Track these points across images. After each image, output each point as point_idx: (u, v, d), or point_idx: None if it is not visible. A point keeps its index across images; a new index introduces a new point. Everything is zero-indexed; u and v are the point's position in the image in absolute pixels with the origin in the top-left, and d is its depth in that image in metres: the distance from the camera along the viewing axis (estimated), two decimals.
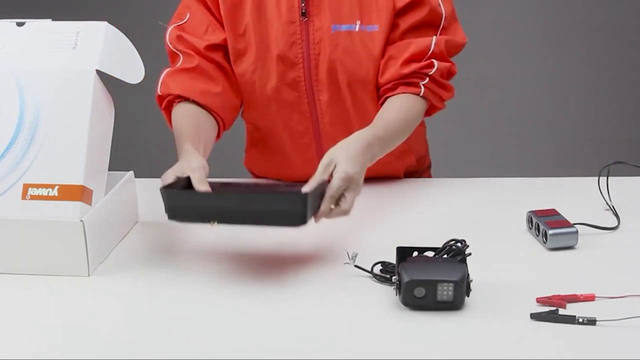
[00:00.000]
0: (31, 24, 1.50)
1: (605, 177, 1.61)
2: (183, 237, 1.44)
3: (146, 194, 1.66)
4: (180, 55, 1.69)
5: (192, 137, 1.57)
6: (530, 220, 1.50)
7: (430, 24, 1.66)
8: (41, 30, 1.49)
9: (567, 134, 3.75)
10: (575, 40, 3.68)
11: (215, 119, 1.69)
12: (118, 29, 1.52)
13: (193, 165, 1.42)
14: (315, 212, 1.38)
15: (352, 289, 1.32)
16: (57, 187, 1.38)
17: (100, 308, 1.30)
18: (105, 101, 1.47)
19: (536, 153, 3.73)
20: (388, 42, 1.65)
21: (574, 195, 1.67)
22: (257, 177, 1.91)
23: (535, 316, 1.20)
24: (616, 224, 1.53)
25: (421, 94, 1.64)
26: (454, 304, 1.23)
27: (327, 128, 1.73)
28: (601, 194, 1.60)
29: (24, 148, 1.41)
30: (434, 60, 1.64)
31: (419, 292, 1.23)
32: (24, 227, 1.37)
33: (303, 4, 1.63)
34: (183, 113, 1.66)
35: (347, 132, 1.69)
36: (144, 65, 1.54)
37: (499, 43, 3.68)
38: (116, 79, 1.48)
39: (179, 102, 1.68)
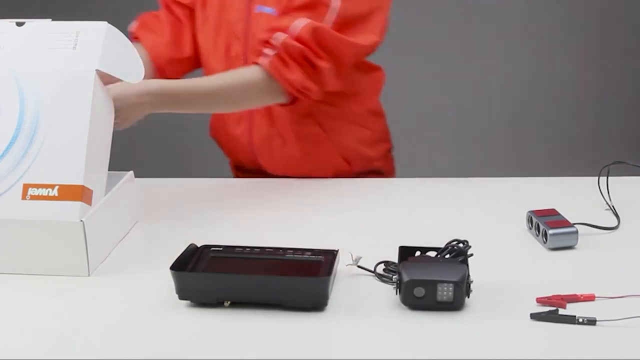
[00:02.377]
0: (31, 24, 1.50)
1: (605, 177, 1.61)
2: (183, 237, 1.43)
3: (146, 194, 1.66)
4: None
5: None
6: (530, 220, 1.50)
7: (313, 9, 1.65)
8: (41, 30, 1.49)
9: (567, 134, 3.74)
10: (576, 40, 3.68)
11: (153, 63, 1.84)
12: (118, 29, 1.52)
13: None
14: None
15: (354, 288, 1.32)
16: (57, 187, 1.38)
17: (100, 308, 1.30)
18: (105, 101, 1.47)
19: (536, 153, 3.73)
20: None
21: (574, 195, 1.67)
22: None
23: (535, 316, 1.20)
24: (616, 224, 1.53)
25: (259, 61, 1.64)
26: (454, 305, 1.23)
27: (254, 113, 1.81)
28: (601, 194, 1.60)
29: (24, 148, 1.40)
30: (283, 34, 1.63)
31: (419, 292, 1.23)
32: (24, 227, 1.37)
33: None
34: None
35: (272, 119, 1.80)
36: (144, 65, 1.54)
37: (500, 42, 3.67)
38: (116, 79, 1.48)
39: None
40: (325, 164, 1.85)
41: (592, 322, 1.18)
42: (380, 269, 1.36)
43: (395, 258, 1.34)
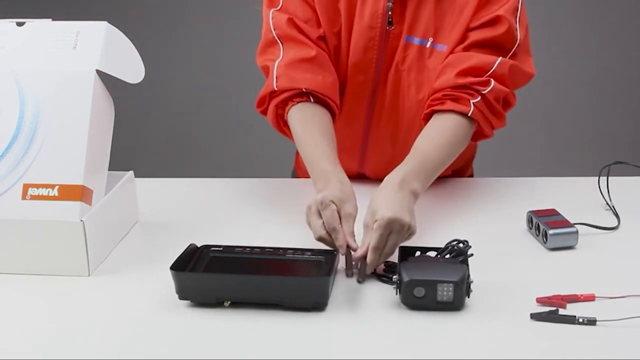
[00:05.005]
0: (31, 24, 1.50)
1: (605, 177, 1.61)
2: (183, 237, 1.44)
3: (146, 194, 1.66)
4: (282, 43, 1.64)
5: (334, 156, 1.52)
6: (530, 220, 1.50)
7: (501, 46, 1.60)
8: (41, 30, 1.49)
9: (567, 133, 3.75)
10: (575, 40, 3.68)
11: (334, 112, 1.64)
12: (118, 29, 1.52)
13: (349, 211, 1.38)
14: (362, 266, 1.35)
15: (354, 288, 1.32)
16: (57, 187, 1.38)
17: (100, 308, 1.30)
18: (105, 101, 1.47)
19: (536, 153, 3.73)
20: (452, 52, 1.61)
21: (574, 195, 1.67)
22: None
23: (535, 316, 1.20)
24: (616, 224, 1.53)
25: (469, 113, 1.56)
26: (454, 305, 1.23)
27: (375, 134, 1.73)
28: (601, 194, 1.60)
29: (24, 148, 1.41)
30: (491, 79, 1.57)
31: (419, 292, 1.23)
32: (24, 227, 1.37)
33: (390, 12, 1.62)
34: (314, 123, 1.59)
35: (394, 143, 1.71)
36: (144, 65, 1.54)
37: None
38: (116, 79, 1.48)
39: (298, 102, 1.62)
40: None
41: (592, 322, 1.18)
42: (380, 269, 1.36)
43: (395, 258, 1.34)
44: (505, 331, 1.19)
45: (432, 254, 1.33)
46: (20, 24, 1.50)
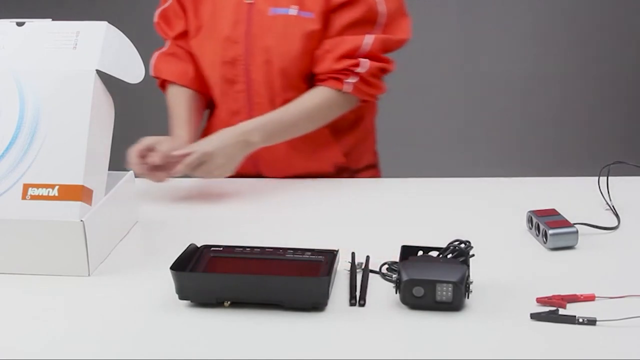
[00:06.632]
0: (31, 24, 1.50)
1: (605, 177, 1.61)
2: (183, 237, 1.43)
3: (146, 194, 1.66)
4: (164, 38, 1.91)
5: (184, 121, 1.84)
6: (530, 220, 1.50)
7: (367, 22, 1.74)
8: (41, 30, 1.49)
9: (567, 133, 3.74)
10: (576, 40, 3.68)
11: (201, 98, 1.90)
12: (118, 29, 1.52)
13: (160, 140, 1.69)
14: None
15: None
16: (57, 187, 1.38)
17: (100, 308, 1.30)
18: (105, 101, 1.47)
19: (536, 153, 3.73)
20: (325, 36, 1.74)
21: (574, 195, 1.67)
22: None
23: (535, 316, 1.20)
24: (616, 224, 1.53)
25: (343, 89, 1.74)
26: (453, 305, 1.23)
27: (260, 109, 1.79)
28: (601, 194, 1.60)
29: (24, 148, 1.40)
30: (361, 60, 1.73)
31: (418, 291, 1.23)
32: (24, 227, 1.37)
33: None
34: (176, 97, 1.88)
35: None
36: (144, 65, 1.54)
37: (500, 42, 3.67)
38: (116, 79, 1.48)
39: (170, 83, 1.89)
40: (326, 161, 1.87)
41: (592, 322, 1.18)
42: (384, 268, 1.36)
43: (398, 257, 1.34)
44: (505, 331, 1.19)
45: (434, 253, 1.33)
46: (20, 24, 1.50)
